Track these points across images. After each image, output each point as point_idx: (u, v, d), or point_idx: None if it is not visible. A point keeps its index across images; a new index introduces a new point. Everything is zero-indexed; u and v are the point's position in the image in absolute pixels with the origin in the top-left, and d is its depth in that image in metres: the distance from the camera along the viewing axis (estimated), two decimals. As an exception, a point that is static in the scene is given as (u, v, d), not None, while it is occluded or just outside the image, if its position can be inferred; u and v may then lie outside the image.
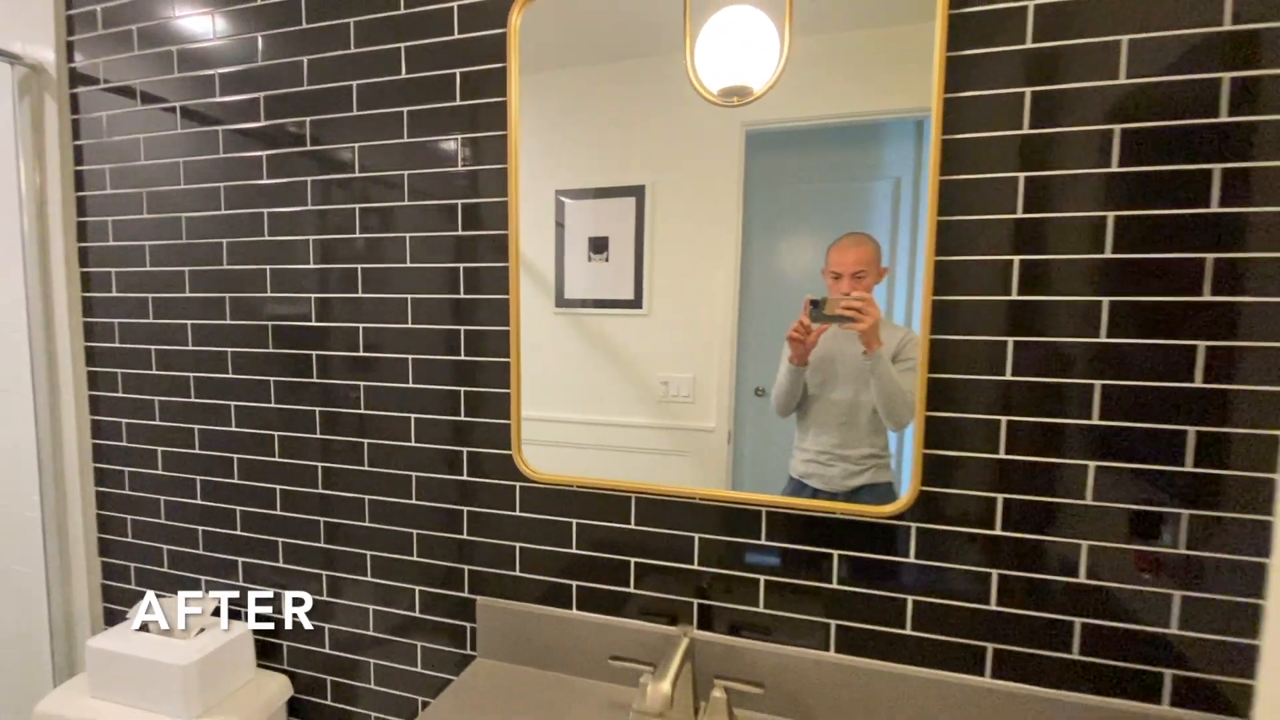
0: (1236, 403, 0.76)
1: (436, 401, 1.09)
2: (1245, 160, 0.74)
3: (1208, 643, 0.79)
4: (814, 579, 0.93)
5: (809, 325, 0.89)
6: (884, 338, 0.86)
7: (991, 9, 0.80)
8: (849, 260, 0.88)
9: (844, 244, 0.88)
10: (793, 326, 0.91)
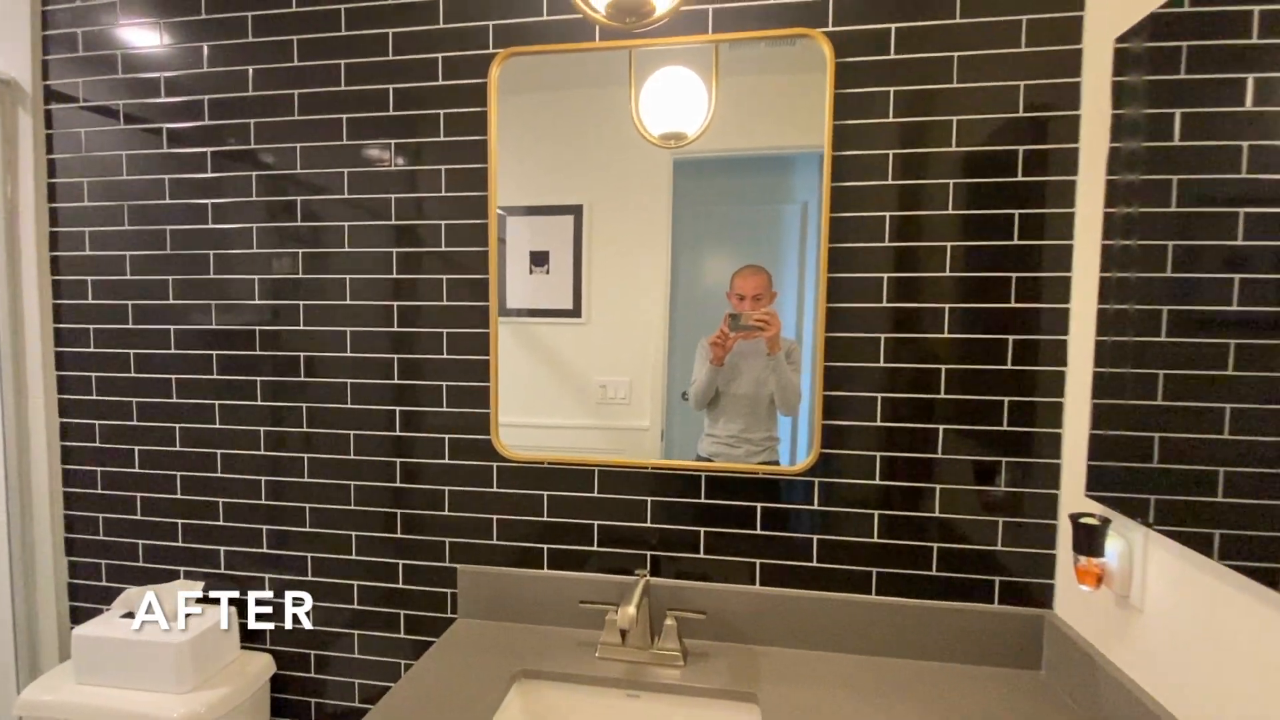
0: (1035, 379, 1.06)
1: (425, 395, 1.25)
2: (1035, 208, 1.05)
3: (1023, 555, 1.09)
4: (742, 528, 1.16)
5: (728, 334, 1.13)
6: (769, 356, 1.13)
7: (863, 91, 1.08)
8: (750, 285, 1.13)
9: (745, 273, 1.14)
10: (715, 335, 1.14)
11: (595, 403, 1.23)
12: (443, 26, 1.20)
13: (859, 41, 1.08)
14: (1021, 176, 1.05)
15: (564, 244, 1.22)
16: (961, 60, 1.05)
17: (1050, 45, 1.03)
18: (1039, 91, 1.04)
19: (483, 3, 1.18)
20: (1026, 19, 1.03)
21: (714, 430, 1.17)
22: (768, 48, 1.11)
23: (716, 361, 1.15)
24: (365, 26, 1.22)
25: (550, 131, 1.19)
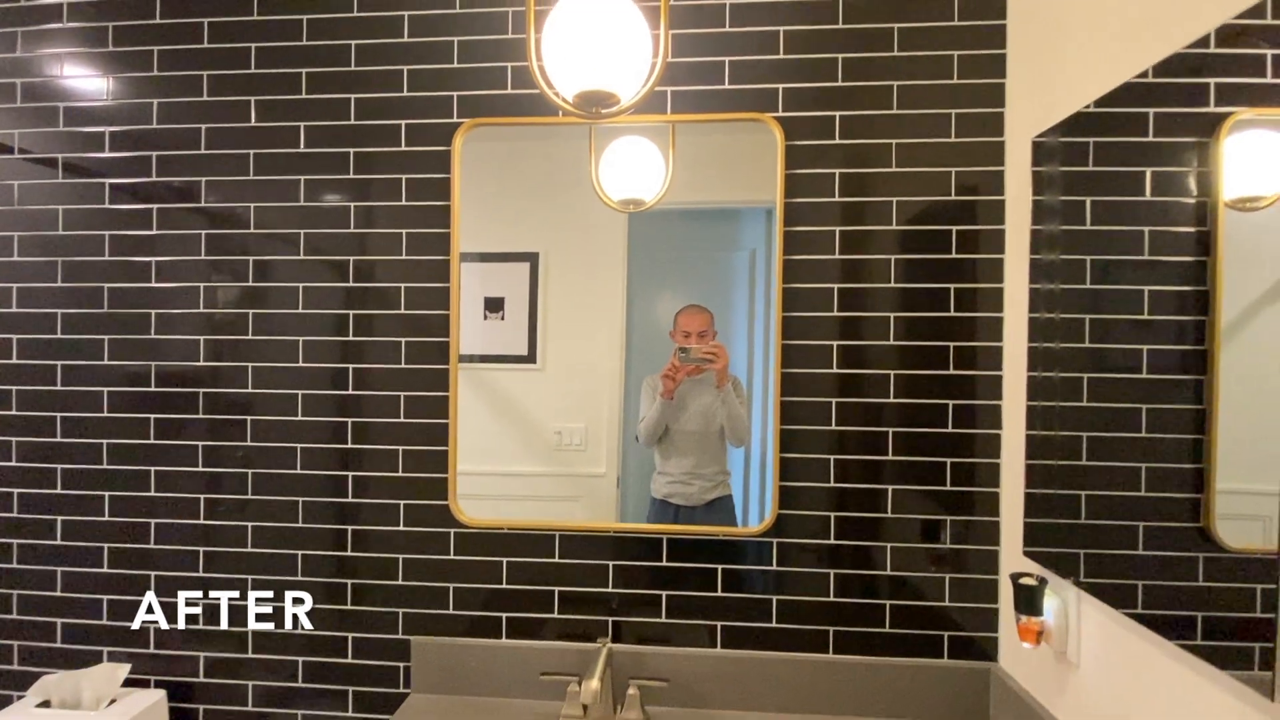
0: (973, 441, 1.13)
1: (381, 459, 1.22)
2: (969, 283, 1.13)
3: (969, 610, 1.14)
4: (703, 590, 1.18)
5: (679, 366, 1.16)
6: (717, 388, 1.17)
7: (811, 171, 1.16)
8: (694, 323, 1.17)
9: (689, 311, 1.18)
10: (666, 368, 1.17)
11: (551, 449, 1.23)
12: (406, 94, 1.22)
13: (807, 127, 1.15)
14: (955, 254, 1.14)
15: (519, 290, 1.24)
16: (899, 147, 1.14)
17: (977, 137, 1.13)
18: (968, 177, 1.13)
19: (447, 74, 1.21)
20: (955, 113, 1.13)
21: (666, 469, 1.19)
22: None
23: (667, 395, 1.17)
24: (328, 91, 1.23)
25: (508, 181, 1.21)
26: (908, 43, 1.14)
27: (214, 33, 1.25)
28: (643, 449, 1.20)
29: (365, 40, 1.22)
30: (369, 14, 1.22)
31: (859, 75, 1.15)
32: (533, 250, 1.23)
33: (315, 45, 1.23)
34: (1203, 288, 0.72)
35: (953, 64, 1.13)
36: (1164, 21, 0.78)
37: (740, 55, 1.17)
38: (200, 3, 1.25)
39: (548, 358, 1.24)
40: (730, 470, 1.19)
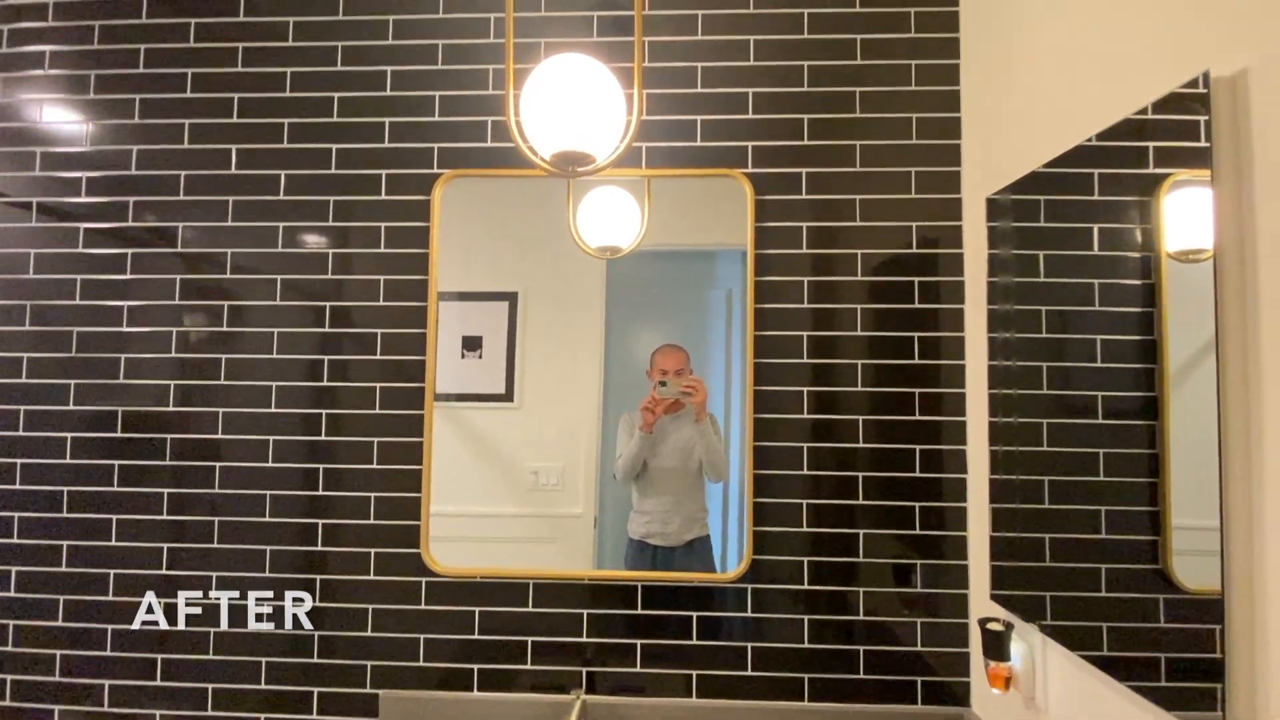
0: (941, 485, 1.16)
1: (352, 506, 1.21)
2: (932, 331, 1.18)
3: (941, 654, 1.15)
4: (678, 638, 1.17)
5: (658, 399, 1.18)
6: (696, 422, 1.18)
7: (780, 224, 1.20)
8: (671, 363, 1.19)
9: (665, 350, 1.20)
10: (645, 400, 1.19)
11: (527, 489, 1.23)
12: (388, 145, 1.25)
13: (775, 182, 1.21)
14: (918, 304, 1.18)
15: (498, 329, 1.25)
16: (863, 202, 1.20)
17: (935, 194, 1.19)
18: (928, 231, 1.19)
19: (429, 127, 1.25)
20: (915, 170, 1.20)
21: (644, 507, 1.19)
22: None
23: (646, 428, 1.18)
24: (309, 140, 1.25)
25: (487, 223, 1.24)
26: (869, 105, 1.20)
27: (197, 83, 1.27)
28: (620, 489, 1.21)
29: (349, 93, 1.26)
30: (353, 68, 1.26)
31: (824, 135, 1.21)
32: (511, 290, 1.25)
33: (299, 97, 1.26)
34: (1150, 337, 0.76)
35: (911, 126, 1.20)
36: (1101, 97, 0.84)
37: (712, 115, 1.22)
38: (184, 54, 1.28)
39: (525, 396, 1.24)
40: (709, 509, 1.19)
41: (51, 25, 1.30)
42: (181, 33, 1.28)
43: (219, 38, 1.27)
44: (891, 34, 1.21)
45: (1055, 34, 0.95)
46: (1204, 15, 0.69)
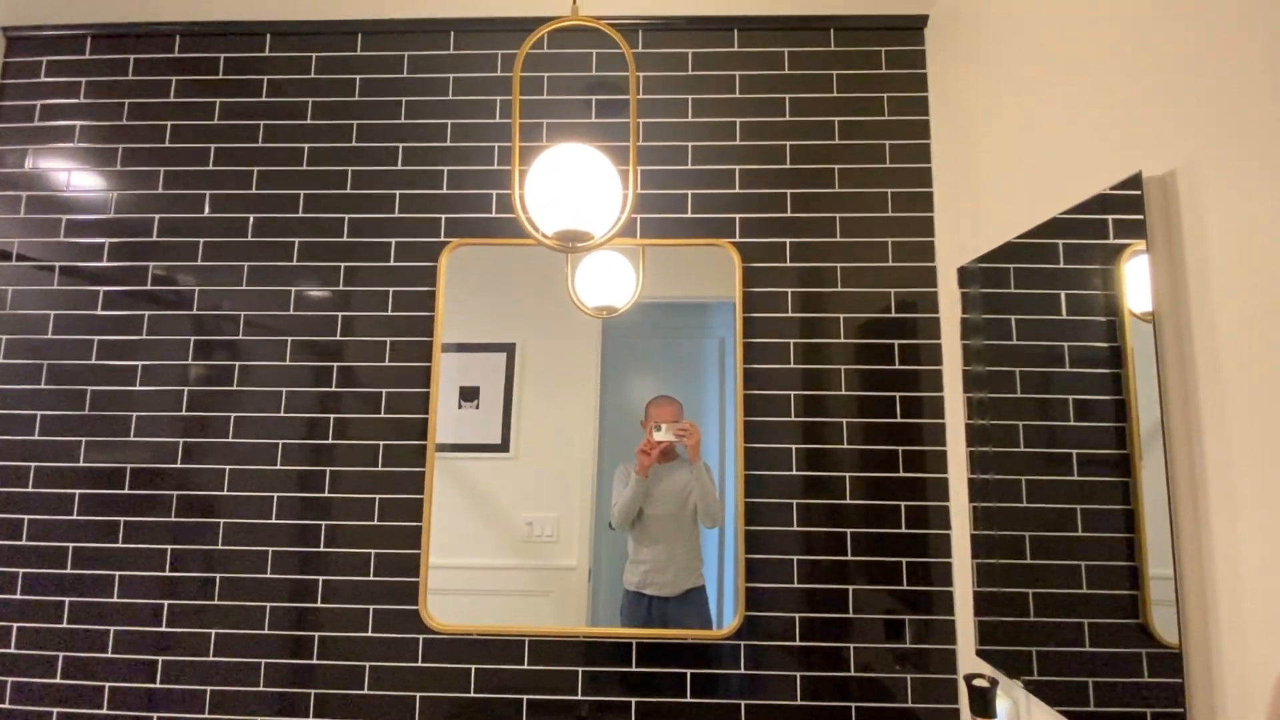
0: (926, 541, 1.20)
1: (352, 563, 1.23)
2: (913, 391, 1.24)
3: (931, 710, 1.16)
4: (673, 696, 1.18)
5: (654, 442, 1.21)
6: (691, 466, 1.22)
7: (767, 290, 1.28)
8: (665, 414, 1.24)
9: (660, 401, 1.25)
10: (641, 444, 1.22)
11: (521, 540, 1.24)
12: (397, 215, 1.33)
13: (761, 251, 1.29)
14: (899, 365, 1.25)
15: (495, 379, 1.29)
16: (844, 270, 1.27)
17: (911, 262, 1.27)
18: (906, 296, 1.26)
19: (436, 198, 1.33)
20: (891, 241, 1.28)
21: (640, 556, 1.21)
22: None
23: (641, 472, 1.21)
24: (323, 210, 1.33)
25: (489, 280, 1.30)
26: (847, 181, 1.30)
27: (219, 157, 1.36)
28: (615, 540, 1.23)
29: (361, 166, 1.34)
30: (366, 144, 1.35)
31: (806, 207, 1.29)
32: (509, 341, 1.30)
33: (314, 170, 1.34)
34: (1120, 396, 0.82)
35: (887, 200, 1.29)
36: (1050, 186, 0.93)
37: (701, 189, 1.31)
38: (209, 130, 1.36)
39: (520, 446, 1.27)
40: (704, 559, 1.22)
41: (84, 102, 1.39)
42: (207, 111, 1.37)
43: (242, 115, 1.37)
44: (866, 116, 1.32)
45: (1010, 125, 1.04)
46: (1141, 119, 0.78)
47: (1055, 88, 0.93)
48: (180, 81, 1.38)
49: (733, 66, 1.34)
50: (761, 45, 1.34)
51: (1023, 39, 1.01)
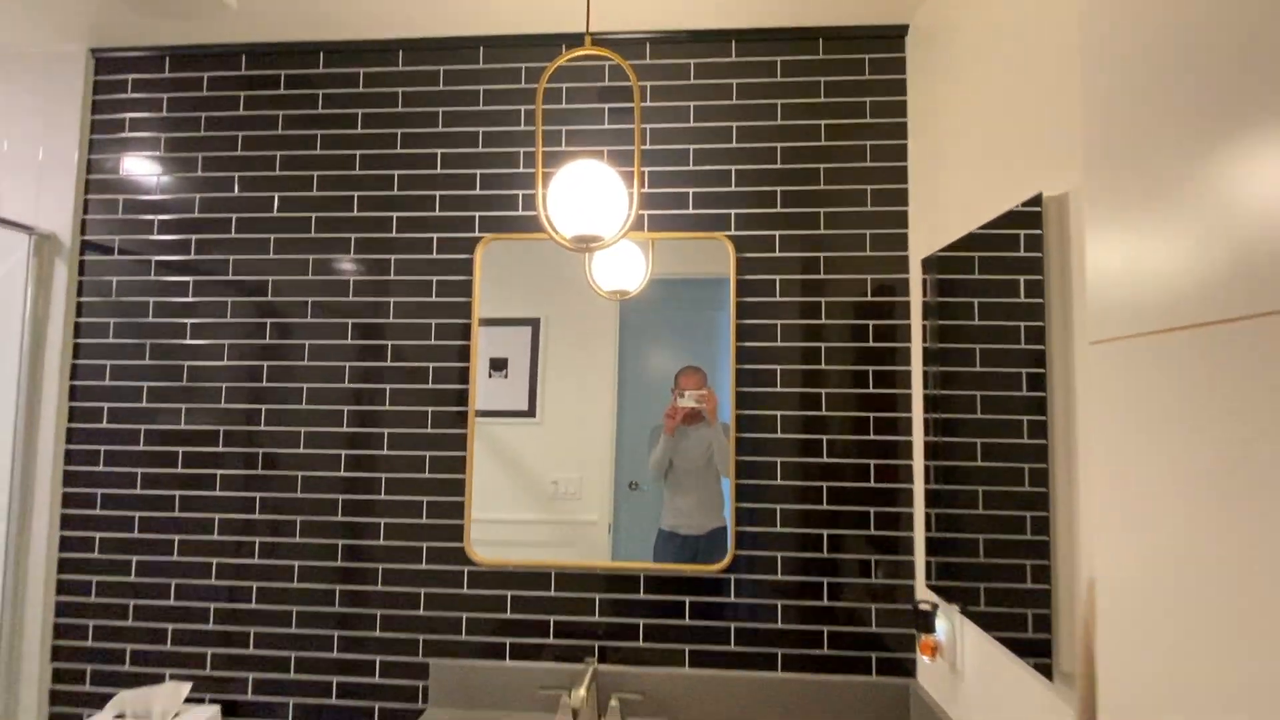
0: (893, 494, 1.40)
1: (408, 509, 1.48)
2: (886, 366, 1.42)
3: (892, 634, 1.38)
4: (674, 619, 1.42)
5: (678, 408, 1.43)
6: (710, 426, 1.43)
7: (758, 277, 1.46)
8: (692, 382, 1.44)
9: (688, 371, 1.45)
10: (667, 409, 1.44)
11: (548, 498, 1.48)
12: (438, 214, 1.53)
13: (754, 242, 1.47)
14: (872, 343, 1.43)
15: (522, 351, 1.50)
16: (826, 259, 1.45)
17: (887, 252, 1.44)
18: (881, 283, 1.44)
19: (471, 198, 1.53)
20: (870, 233, 1.45)
21: (673, 504, 1.43)
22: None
23: (669, 432, 1.43)
24: (374, 210, 1.54)
25: (515, 263, 1.50)
26: (831, 179, 1.46)
27: (284, 163, 1.57)
28: (633, 496, 1.45)
29: (405, 170, 1.55)
30: (409, 150, 1.55)
31: (793, 203, 1.47)
32: (534, 316, 1.51)
33: (365, 174, 1.55)
34: (1040, 369, 0.99)
35: (867, 196, 1.45)
36: (986, 194, 1.09)
37: (701, 187, 1.49)
38: (273, 140, 1.58)
39: (546, 412, 1.49)
40: (725, 504, 1.43)
41: (166, 116, 1.61)
42: (271, 122, 1.58)
43: (301, 126, 1.57)
44: (850, 119, 1.47)
45: (962, 133, 1.20)
46: (1050, 143, 0.94)
47: (993, 107, 1.09)
48: (248, 96, 1.59)
49: (730, 75, 1.50)
50: (756, 55, 1.50)
51: (975, 55, 1.16)
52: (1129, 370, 0.57)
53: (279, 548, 1.50)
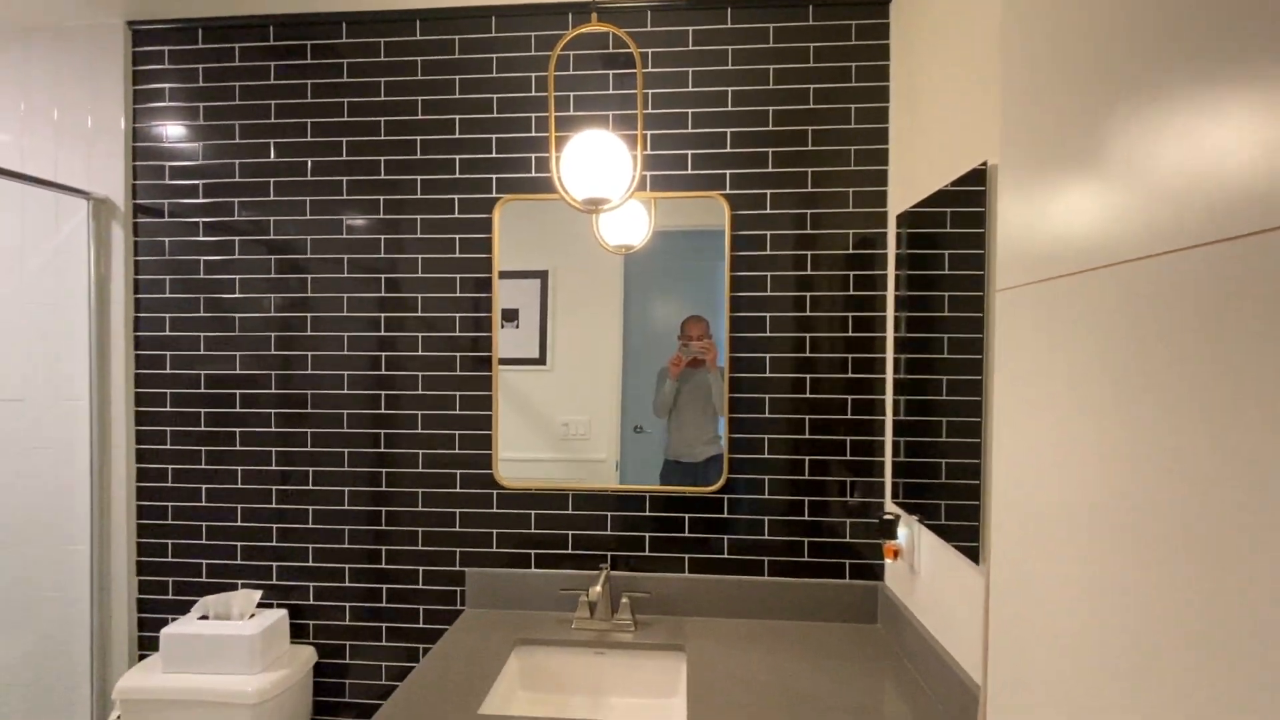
0: (867, 425, 1.59)
1: (443, 441, 1.69)
2: (865, 312, 1.59)
3: (864, 544, 1.60)
4: (675, 532, 1.64)
5: (682, 356, 1.61)
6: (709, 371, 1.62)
7: (751, 233, 1.61)
8: (696, 330, 1.62)
9: (692, 320, 1.62)
10: (672, 358, 1.62)
11: (559, 439, 1.68)
12: (458, 176, 1.68)
13: (747, 200, 1.61)
14: (853, 291, 1.59)
15: (532, 302, 1.68)
16: (812, 215, 1.60)
17: (868, 208, 1.59)
18: (862, 236, 1.59)
19: (488, 161, 1.67)
20: (852, 190, 1.59)
21: (677, 436, 1.64)
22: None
23: (674, 376, 1.63)
24: (400, 174, 1.69)
25: (525, 218, 1.65)
26: (818, 140, 1.60)
27: (315, 130, 1.71)
28: (638, 436, 1.65)
29: (426, 136, 1.68)
30: (429, 117, 1.68)
31: (784, 164, 1.60)
32: (543, 269, 1.68)
33: (391, 139, 1.69)
34: (979, 314, 1.17)
35: (850, 156, 1.59)
36: (950, 158, 1.24)
37: (699, 150, 1.62)
38: (303, 107, 1.71)
39: (556, 359, 1.68)
40: (720, 436, 1.63)
41: (203, 86, 1.73)
42: (300, 91, 1.71)
43: (329, 94, 1.70)
44: (837, 84, 1.59)
45: (932, 99, 1.33)
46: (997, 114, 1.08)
47: (962, 74, 1.22)
48: (277, 66, 1.71)
49: (726, 42, 1.61)
50: (750, 22, 1.60)
51: (949, 25, 1.28)
52: (1023, 312, 0.74)
53: (330, 475, 1.72)
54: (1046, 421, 0.68)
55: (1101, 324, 0.58)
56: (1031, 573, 0.70)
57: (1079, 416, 0.61)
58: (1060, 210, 0.66)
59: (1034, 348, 0.72)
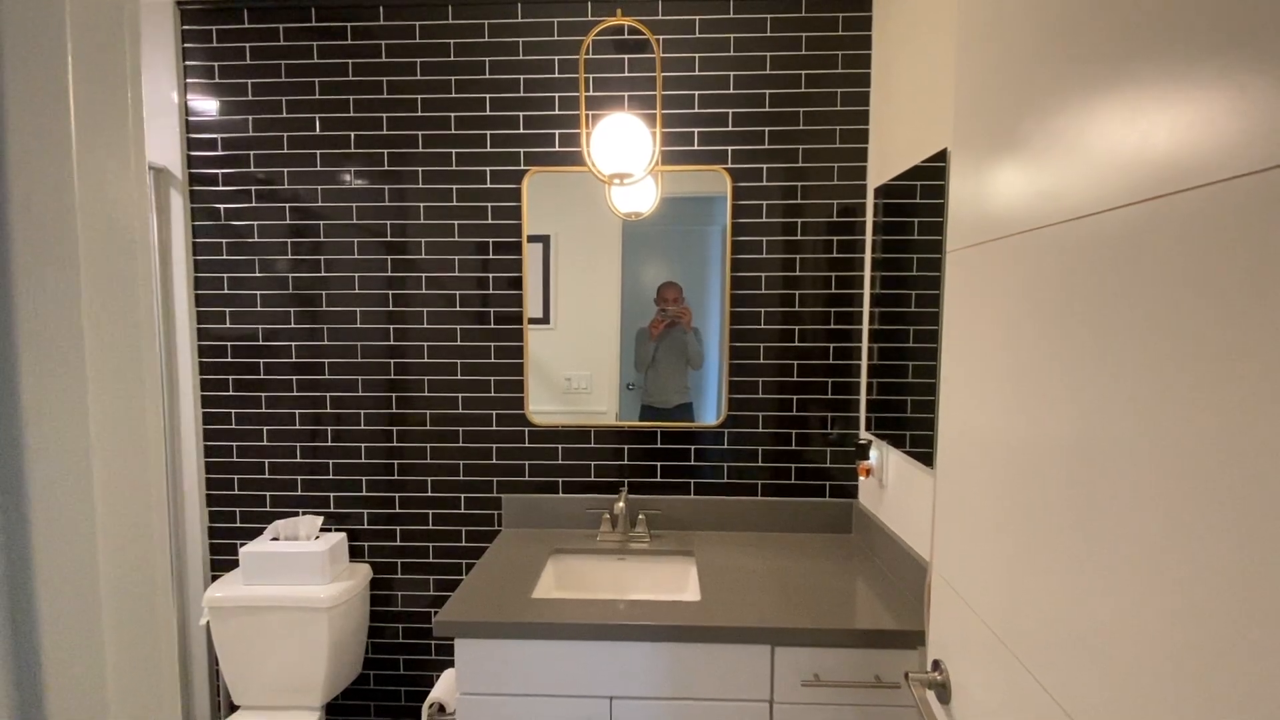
0: (847, 369, 1.87)
1: (481, 385, 1.93)
2: (846, 272, 1.85)
3: (841, 469, 1.90)
4: (682, 461, 1.92)
5: (659, 320, 1.87)
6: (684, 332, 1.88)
7: (749, 202, 1.85)
8: (670, 294, 1.87)
9: (667, 285, 1.87)
10: (653, 320, 1.87)
11: (562, 393, 1.93)
12: (489, 150, 1.88)
13: (746, 173, 1.85)
14: (836, 254, 1.85)
15: (535, 266, 1.91)
16: (802, 187, 1.84)
17: (850, 180, 1.83)
18: (846, 206, 1.84)
19: (517, 137, 1.87)
20: (837, 165, 1.83)
21: (653, 386, 1.90)
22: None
23: (654, 336, 1.88)
24: (436, 147, 1.89)
25: (539, 190, 1.87)
26: (808, 120, 1.83)
27: (357, 106, 1.89)
28: (635, 392, 1.90)
29: (460, 113, 1.87)
30: (462, 95, 1.87)
31: (778, 141, 1.84)
32: (545, 233, 1.90)
33: (427, 115, 1.88)
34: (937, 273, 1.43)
35: (836, 135, 1.83)
36: (917, 140, 1.48)
37: (704, 127, 1.84)
38: (345, 85, 1.88)
39: (559, 319, 1.92)
40: (689, 387, 1.90)
41: (250, 64, 1.89)
42: (342, 69, 1.88)
43: (369, 73, 1.88)
44: (826, 70, 1.82)
45: (905, 85, 1.57)
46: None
47: (927, 71, 1.46)
48: (319, 46, 1.88)
49: (729, 30, 1.82)
50: (750, 13, 1.81)
51: (924, 17, 1.51)
52: (965, 269, 1.00)
53: (379, 417, 1.96)
54: (977, 358, 0.95)
55: (1021, 280, 0.84)
56: (965, 475, 0.98)
57: (1000, 353, 0.88)
58: (995, 186, 0.92)
59: (970, 299, 0.99)
